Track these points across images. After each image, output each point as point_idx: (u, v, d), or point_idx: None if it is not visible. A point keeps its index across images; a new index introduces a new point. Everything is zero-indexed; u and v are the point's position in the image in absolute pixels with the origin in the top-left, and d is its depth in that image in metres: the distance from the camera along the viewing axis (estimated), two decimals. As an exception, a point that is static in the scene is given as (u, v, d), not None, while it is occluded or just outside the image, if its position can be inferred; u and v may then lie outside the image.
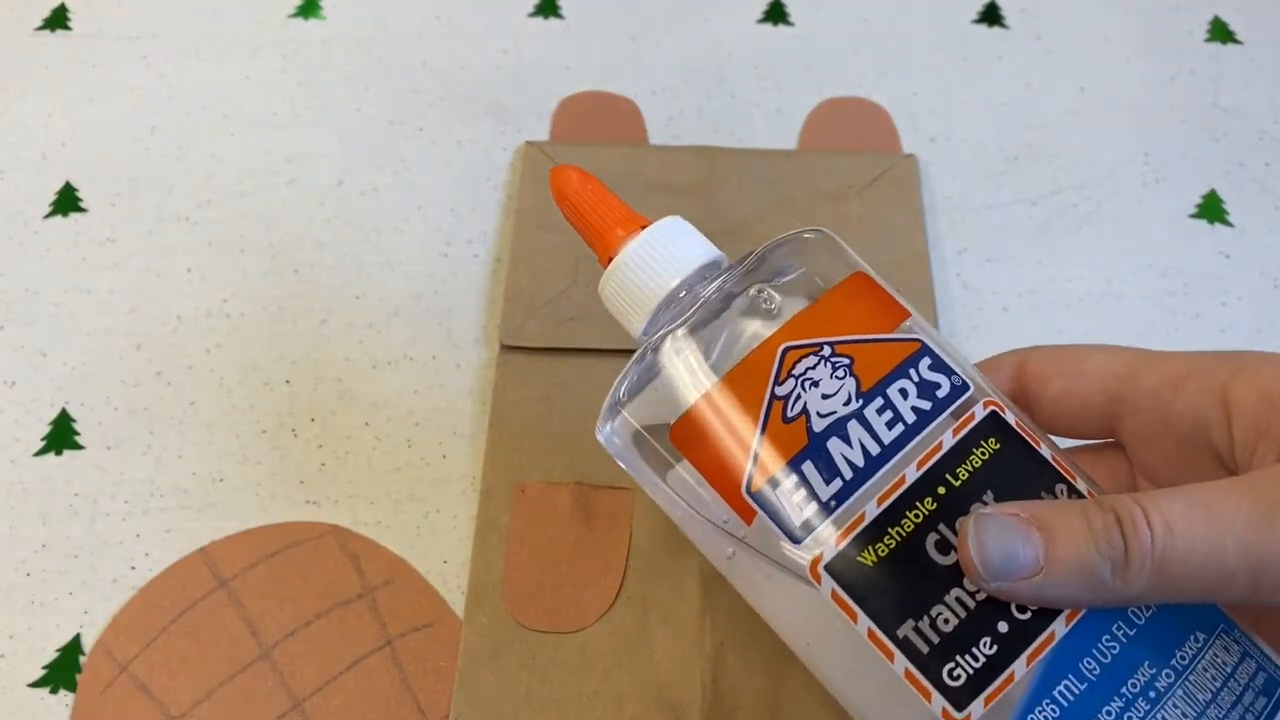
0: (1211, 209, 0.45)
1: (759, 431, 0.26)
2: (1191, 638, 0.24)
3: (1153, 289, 0.43)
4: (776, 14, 0.51)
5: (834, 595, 0.25)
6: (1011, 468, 0.26)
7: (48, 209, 0.45)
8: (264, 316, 0.42)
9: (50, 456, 0.39)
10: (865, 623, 0.24)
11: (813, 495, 0.25)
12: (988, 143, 0.47)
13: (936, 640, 0.24)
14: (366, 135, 0.47)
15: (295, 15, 0.51)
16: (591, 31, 0.51)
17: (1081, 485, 0.26)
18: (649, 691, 0.34)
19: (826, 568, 0.25)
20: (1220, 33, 0.51)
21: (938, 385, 0.26)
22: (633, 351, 0.40)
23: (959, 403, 0.26)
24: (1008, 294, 0.43)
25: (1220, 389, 0.26)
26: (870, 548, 0.25)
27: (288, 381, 0.41)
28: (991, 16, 0.51)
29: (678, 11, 0.51)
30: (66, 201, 0.45)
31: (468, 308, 0.42)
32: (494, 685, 0.34)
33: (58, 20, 0.51)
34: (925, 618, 0.24)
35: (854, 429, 0.26)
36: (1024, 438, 0.26)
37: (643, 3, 0.52)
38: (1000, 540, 0.23)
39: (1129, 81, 0.49)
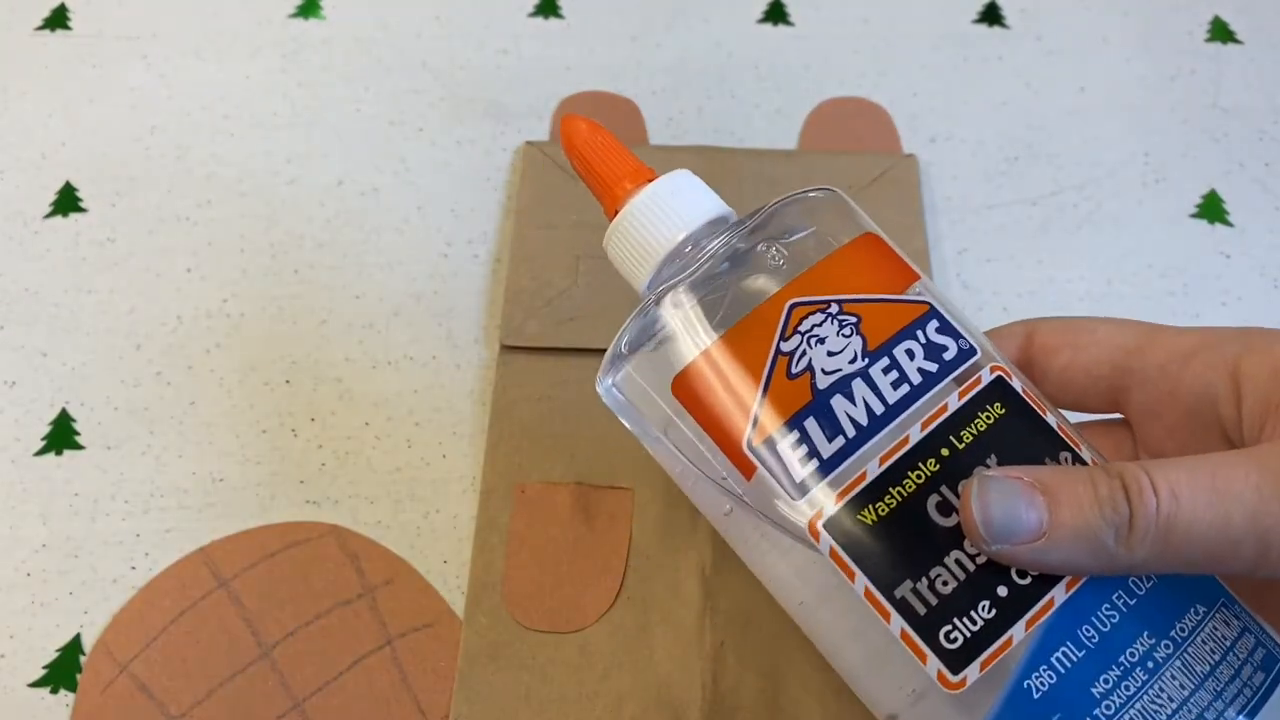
0: (1211, 209, 0.45)
1: (762, 387, 0.26)
2: (1191, 610, 0.24)
3: (1153, 289, 0.43)
4: (776, 14, 0.51)
5: (832, 553, 0.25)
6: (1016, 433, 0.25)
7: (48, 209, 0.45)
8: (264, 316, 0.42)
9: (50, 456, 0.39)
10: (862, 582, 0.24)
11: (814, 452, 0.25)
12: (988, 143, 0.47)
13: (934, 602, 0.24)
14: (366, 135, 0.47)
15: (295, 15, 0.51)
16: (591, 31, 0.51)
17: (1086, 454, 0.26)
18: (649, 691, 0.34)
19: (825, 525, 0.25)
20: (1220, 33, 0.51)
21: (945, 348, 0.26)
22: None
23: (965, 366, 0.26)
24: (1008, 294, 0.43)
25: (1231, 363, 0.26)
26: (870, 507, 0.25)
27: (288, 381, 0.41)
28: (991, 16, 0.51)
29: (678, 11, 0.51)
30: (66, 201, 0.45)
31: (468, 308, 0.42)
32: (494, 685, 0.34)
33: (58, 20, 0.51)
34: (924, 579, 0.24)
35: (859, 387, 0.25)
36: (1029, 404, 0.26)
37: (643, 3, 0.52)
38: (1003, 502, 0.23)
39: (1129, 81, 0.49)
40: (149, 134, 0.47)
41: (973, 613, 0.24)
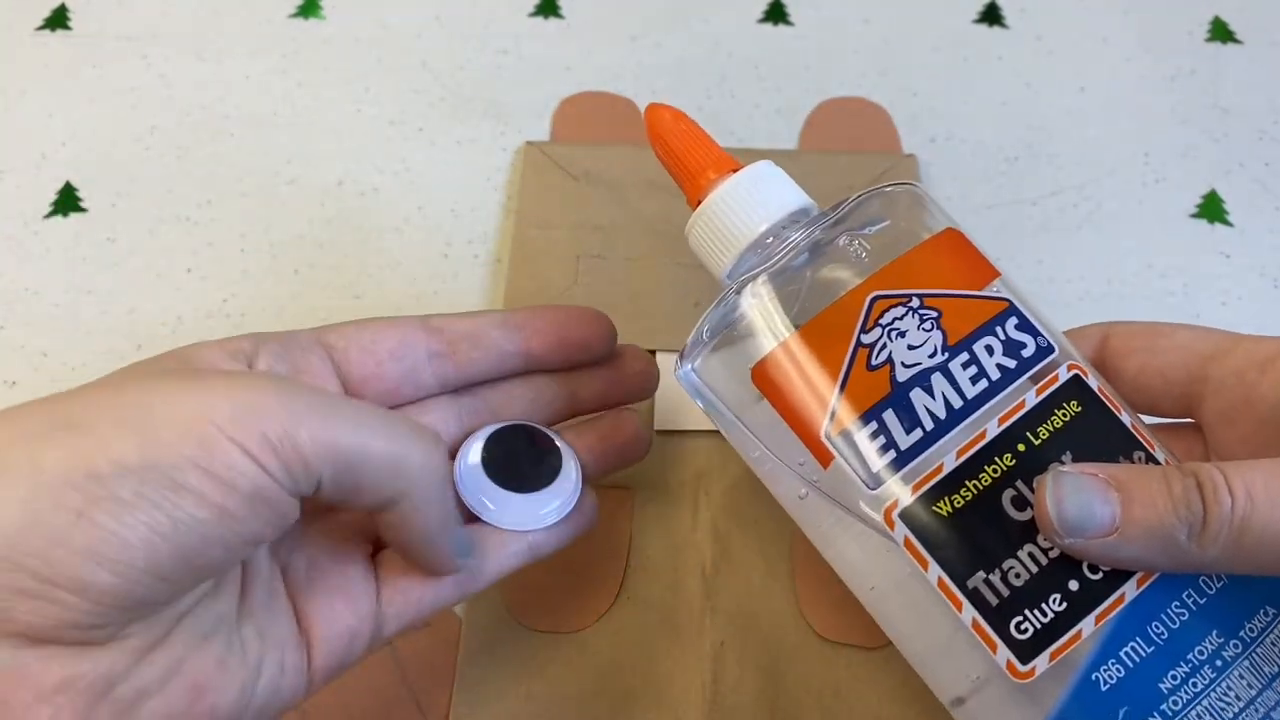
0: (1211, 209, 0.45)
1: (842, 378, 0.26)
2: (1261, 612, 0.25)
3: (1153, 289, 0.43)
4: (776, 14, 0.51)
5: (906, 543, 0.25)
6: (1092, 431, 0.26)
7: (48, 209, 0.45)
8: (264, 316, 0.42)
9: (50, 456, 0.39)
10: (936, 571, 0.25)
11: (891, 444, 0.26)
12: (988, 143, 0.47)
13: (1006, 593, 0.24)
14: (366, 135, 0.47)
15: (295, 15, 0.51)
16: (591, 31, 0.51)
17: (1160, 454, 0.26)
18: (649, 691, 0.34)
19: (901, 515, 0.25)
20: (1220, 33, 0.51)
21: (1023, 345, 0.27)
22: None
23: (1043, 364, 0.26)
24: (1008, 294, 0.43)
25: None
26: (946, 498, 0.25)
27: (288, 381, 0.41)
28: (991, 16, 0.51)
29: (678, 11, 0.51)
30: (66, 201, 0.45)
31: (468, 308, 0.42)
32: (494, 685, 0.34)
33: (58, 20, 0.51)
34: (996, 571, 0.25)
35: (938, 381, 0.26)
36: (1105, 403, 0.26)
37: (643, 3, 0.52)
38: (1078, 497, 0.24)
39: (1129, 81, 0.49)
40: (149, 134, 0.47)
41: (1044, 605, 0.24)
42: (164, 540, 0.22)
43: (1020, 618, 0.24)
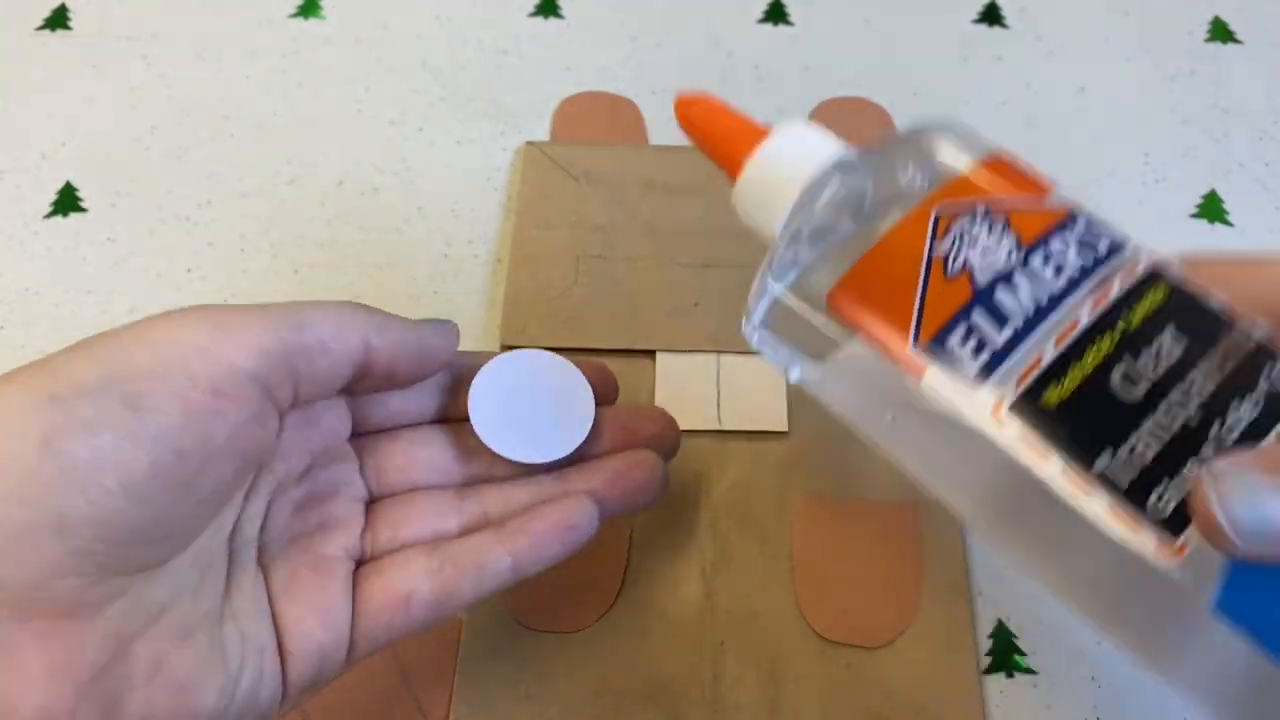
0: (1211, 209, 0.45)
1: (920, 290, 0.26)
2: None
3: (1153, 289, 0.43)
4: (776, 14, 0.51)
5: (1020, 438, 0.24)
6: (1186, 311, 0.25)
7: (48, 209, 0.45)
8: (264, 316, 0.42)
9: (50, 456, 0.39)
10: (1057, 463, 0.24)
11: (985, 343, 0.25)
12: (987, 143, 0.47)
13: (1137, 471, 0.23)
14: (366, 135, 0.47)
15: (295, 15, 0.51)
16: (591, 31, 0.51)
17: (1259, 332, 0.25)
18: (649, 691, 0.34)
19: (1011, 410, 0.24)
20: (1220, 33, 0.51)
21: (1097, 242, 0.27)
22: (630, 351, 0.40)
23: (1121, 257, 0.26)
24: (1008, 294, 0.43)
25: None
26: (1054, 386, 0.24)
27: (288, 381, 0.41)
28: (991, 16, 0.51)
29: (678, 11, 0.51)
30: (66, 201, 0.45)
31: (468, 308, 0.42)
32: (494, 685, 0.34)
33: (58, 20, 0.51)
34: (1123, 449, 0.23)
35: (1020, 279, 0.26)
36: (1191, 288, 0.26)
37: (643, 3, 0.52)
38: (1249, 500, 0.21)
39: (1129, 81, 0.49)
40: (149, 134, 0.47)
41: (1181, 474, 0.23)
42: (133, 457, 0.22)
43: (1157, 495, 0.23)
